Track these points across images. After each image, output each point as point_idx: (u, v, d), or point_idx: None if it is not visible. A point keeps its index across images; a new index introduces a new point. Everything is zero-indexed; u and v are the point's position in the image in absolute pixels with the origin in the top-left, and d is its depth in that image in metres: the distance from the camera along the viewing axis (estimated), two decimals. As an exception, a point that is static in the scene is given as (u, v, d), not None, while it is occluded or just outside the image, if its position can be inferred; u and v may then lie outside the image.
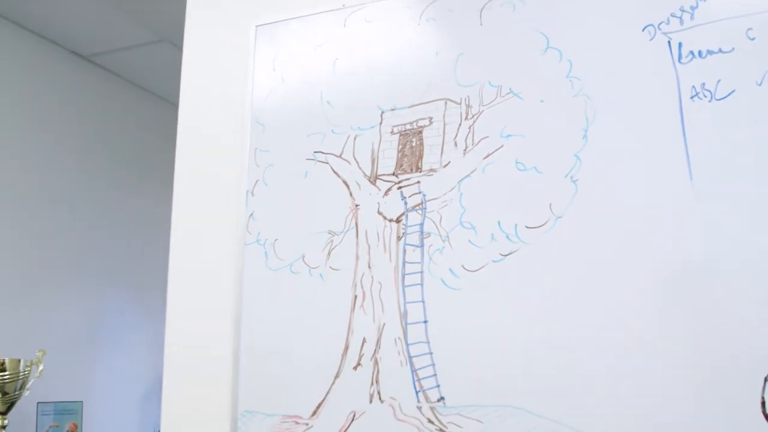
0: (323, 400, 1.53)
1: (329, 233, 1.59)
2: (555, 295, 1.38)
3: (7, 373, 2.96)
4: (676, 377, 1.26)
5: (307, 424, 1.54)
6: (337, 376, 1.53)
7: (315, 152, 1.65)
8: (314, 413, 1.54)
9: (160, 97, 4.60)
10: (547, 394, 1.35)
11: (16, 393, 3.02)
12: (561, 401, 1.34)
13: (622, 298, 1.33)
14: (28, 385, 3.07)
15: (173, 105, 4.50)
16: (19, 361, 3.01)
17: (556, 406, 1.35)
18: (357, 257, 1.56)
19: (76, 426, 3.25)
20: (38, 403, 3.24)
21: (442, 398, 1.44)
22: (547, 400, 1.35)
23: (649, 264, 1.32)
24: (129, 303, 4.31)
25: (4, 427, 3.00)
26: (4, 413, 3.01)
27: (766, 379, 1.22)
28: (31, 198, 3.76)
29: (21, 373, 3.00)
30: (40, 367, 3.12)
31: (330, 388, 1.53)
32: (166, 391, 1.74)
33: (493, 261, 1.44)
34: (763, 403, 1.23)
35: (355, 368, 1.52)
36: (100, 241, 4.13)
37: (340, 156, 1.62)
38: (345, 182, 1.60)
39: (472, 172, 1.49)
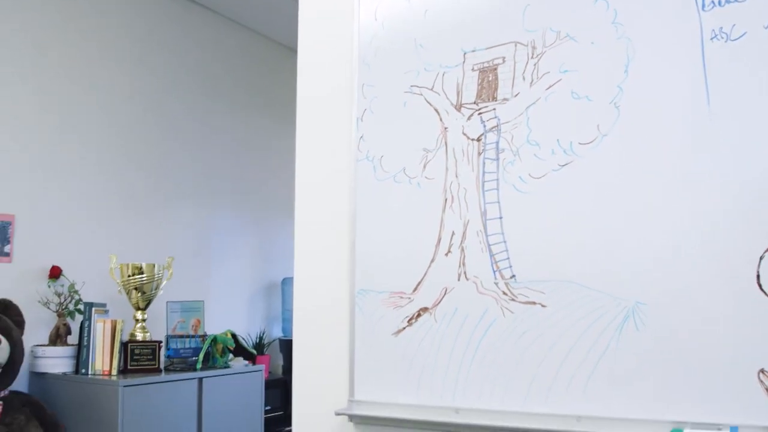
0: (422, 279, 2.07)
1: (424, 150, 2.10)
2: (602, 195, 1.85)
3: (144, 275, 3.61)
4: (691, 256, 1.74)
5: (409, 298, 2.08)
6: (432, 261, 2.06)
7: (411, 86, 2.15)
8: (415, 289, 2.08)
9: (277, 42, 5.22)
10: (594, 271, 1.85)
11: (152, 292, 3.67)
12: (605, 276, 1.83)
13: (653, 196, 1.79)
14: (161, 286, 3.72)
15: (288, 48, 5.11)
16: (154, 265, 3.64)
17: (601, 280, 1.84)
18: (446, 169, 2.06)
19: (199, 322, 3.89)
20: (167, 302, 3.89)
21: (513, 276, 1.95)
22: (595, 276, 1.85)
23: (671, 168, 1.78)
24: (237, 219, 4.96)
25: (144, 320, 3.67)
26: (143, 309, 3.68)
27: (761, 258, 1.68)
28: (158, 128, 4.40)
29: (155, 276, 3.64)
30: (171, 271, 3.77)
31: (427, 270, 2.07)
32: (298, 275, 2.31)
33: (553, 170, 1.92)
34: (758, 276, 1.70)
35: (446, 254, 2.04)
36: (216, 165, 4.79)
37: (431, 89, 2.11)
38: (436, 110, 2.10)
39: (537, 100, 1.95)
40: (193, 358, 3.70)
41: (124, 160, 4.18)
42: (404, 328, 2.09)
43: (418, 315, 2.07)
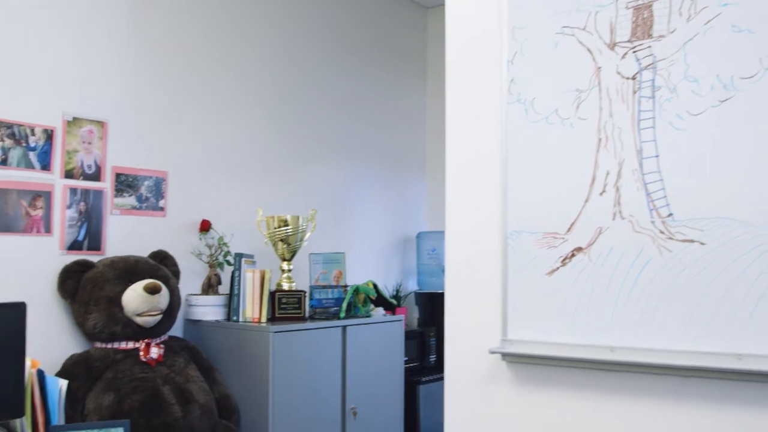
0: (576, 220, 2.13)
1: (577, 91, 2.14)
2: (764, 130, 1.85)
3: (289, 227, 3.79)
4: None
5: (563, 238, 2.14)
6: (586, 201, 2.11)
7: (563, 27, 2.18)
8: (569, 229, 2.14)
9: (411, 1, 5.33)
10: (756, 208, 1.85)
11: (297, 244, 3.85)
12: (763, 213, 1.84)
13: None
14: (305, 238, 3.90)
15: (419, 5, 5.20)
16: (298, 217, 3.82)
17: (763, 217, 1.84)
18: (600, 109, 2.10)
19: (340, 273, 4.05)
20: (310, 253, 4.07)
21: (671, 214, 1.98)
22: (756, 213, 1.85)
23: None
24: (374, 174, 5.12)
25: (289, 270, 3.86)
26: (289, 260, 3.87)
27: None
28: (299, 87, 4.58)
29: (300, 228, 3.82)
30: (314, 223, 3.93)
31: (581, 210, 2.12)
32: (450, 219, 2.41)
33: (713, 106, 1.93)
34: None
35: (600, 194, 2.08)
36: (354, 122, 4.96)
37: (583, 29, 2.14)
38: (588, 50, 2.13)
39: (695, 35, 1.96)
40: (335, 308, 3.88)
41: (269, 117, 4.37)
42: (558, 268, 2.15)
43: (572, 255, 2.13)
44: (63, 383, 2.24)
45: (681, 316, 1.96)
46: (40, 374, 2.20)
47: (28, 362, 2.15)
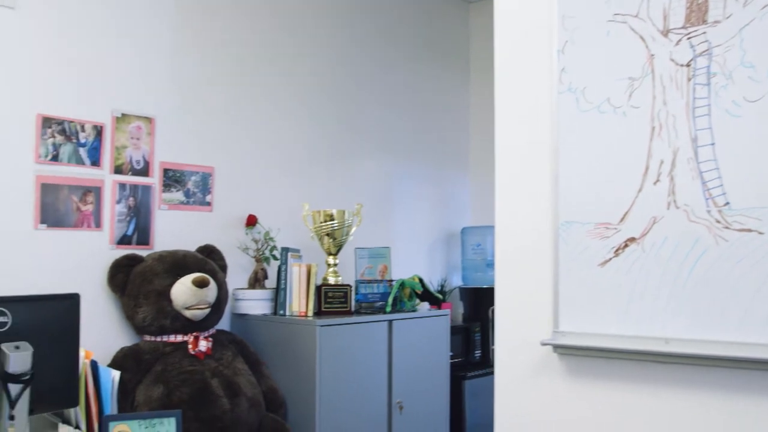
0: (629, 210, 2.10)
1: (629, 79, 2.12)
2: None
3: (335, 221, 3.80)
4: None
5: (616, 229, 2.12)
6: (639, 191, 2.08)
7: (614, 14, 2.16)
8: (621, 220, 2.11)
9: None
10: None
11: (343, 238, 3.86)
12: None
13: None
14: (351, 232, 3.90)
15: (465, 2, 5.19)
16: (344, 212, 3.83)
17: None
18: (653, 97, 2.07)
19: (386, 267, 4.06)
20: (355, 248, 4.08)
21: (727, 203, 1.94)
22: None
23: None
24: (418, 169, 5.12)
25: (335, 264, 3.87)
26: (335, 254, 3.88)
27: None
28: (345, 82, 4.60)
29: (346, 222, 3.82)
30: (360, 217, 3.94)
31: (634, 200, 2.09)
32: (499, 210, 2.40)
33: (771, 92, 1.89)
34: None
35: (654, 183, 2.06)
36: (398, 117, 4.97)
37: (636, 16, 2.12)
38: (641, 37, 2.10)
39: (751, 21, 1.92)
40: (380, 303, 3.88)
41: (314, 113, 4.39)
42: (610, 258, 2.13)
43: (625, 245, 2.11)
44: (116, 374, 2.27)
45: (738, 307, 1.92)
46: (94, 365, 2.23)
47: (81, 353, 2.19)
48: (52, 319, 2.04)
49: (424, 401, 3.97)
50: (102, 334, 3.37)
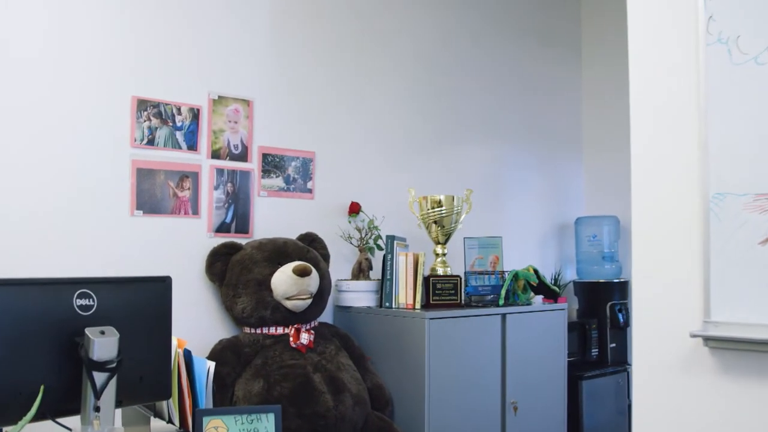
0: (796, 177, 1.78)
1: (796, 23, 1.80)
2: None
3: (444, 208, 3.56)
4: None
5: (780, 199, 1.81)
6: (810, 154, 1.76)
7: (776, -51, 1.84)
8: (787, 189, 1.80)
9: None
10: None
11: (452, 226, 3.62)
12: None
13: None
14: (461, 219, 3.66)
15: None
16: (453, 197, 3.58)
17: None
18: (827, 42, 1.75)
19: (497, 258, 3.79)
20: (464, 237, 3.83)
21: None
22: None
23: None
24: (528, 156, 4.83)
25: (444, 254, 3.63)
26: (443, 243, 3.64)
27: None
28: (450, 66, 4.37)
29: (455, 209, 3.58)
30: (470, 203, 3.69)
31: (803, 165, 1.77)
32: (636, 183, 2.10)
33: None
34: None
35: (829, 144, 1.73)
36: (505, 101, 4.70)
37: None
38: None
39: None
40: (492, 296, 3.62)
41: (418, 96, 4.16)
42: (774, 235, 1.82)
43: (793, 219, 1.79)
44: (210, 365, 2.09)
45: None
46: (187, 355, 2.06)
47: (174, 342, 2.01)
48: (141, 304, 1.87)
49: (540, 402, 3.69)
50: (200, 325, 3.24)
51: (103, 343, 1.71)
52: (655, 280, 2.06)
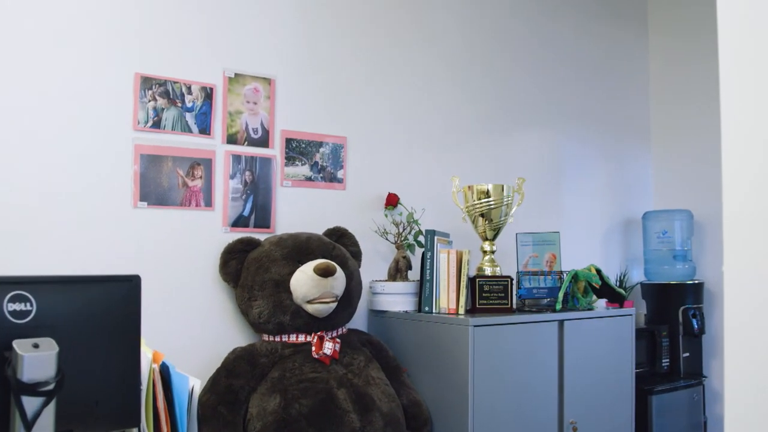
0: None
1: None
2: None
3: (492, 199, 3.13)
4: None
5: None
6: None
7: None
8: None
9: None
10: None
11: (501, 220, 3.19)
12: None
13: None
14: (511, 212, 3.22)
15: None
16: (503, 186, 3.15)
17: None
18: None
19: (554, 257, 3.35)
20: (517, 233, 3.40)
21: None
22: None
23: None
24: (588, 145, 4.36)
25: (493, 252, 3.21)
26: (491, 240, 3.21)
27: None
28: (496, 47, 3.93)
29: (504, 200, 3.15)
30: (522, 193, 3.25)
31: None
32: (728, 161, 1.65)
33: None
34: None
35: None
36: (561, 87, 4.23)
37: None
38: None
39: None
40: (548, 299, 3.18)
41: (462, 78, 3.74)
42: None
43: None
44: (194, 382, 1.71)
45: None
46: (165, 370, 1.68)
47: (147, 354, 1.64)
48: (99, 310, 1.50)
49: (603, 421, 3.23)
50: (215, 331, 2.88)
51: (36, 360, 1.34)
52: (749, 275, 1.61)
